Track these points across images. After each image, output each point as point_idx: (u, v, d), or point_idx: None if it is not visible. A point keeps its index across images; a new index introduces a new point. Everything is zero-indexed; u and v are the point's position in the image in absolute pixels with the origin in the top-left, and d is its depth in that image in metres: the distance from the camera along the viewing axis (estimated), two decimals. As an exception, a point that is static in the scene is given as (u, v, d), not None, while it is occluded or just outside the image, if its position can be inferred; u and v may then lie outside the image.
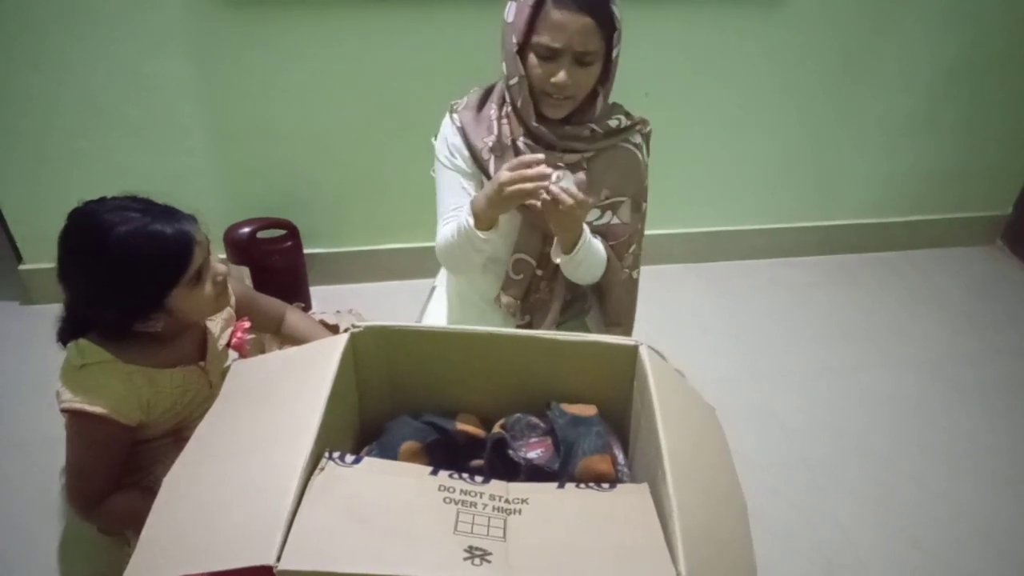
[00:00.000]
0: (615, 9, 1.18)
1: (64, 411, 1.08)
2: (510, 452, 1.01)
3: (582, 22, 1.15)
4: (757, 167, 2.12)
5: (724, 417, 1.04)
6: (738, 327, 2.04)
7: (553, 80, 1.20)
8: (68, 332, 1.12)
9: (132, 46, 1.64)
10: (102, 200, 1.05)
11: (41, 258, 1.87)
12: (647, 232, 1.43)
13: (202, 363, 1.22)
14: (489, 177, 1.27)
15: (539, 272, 1.36)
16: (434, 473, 0.89)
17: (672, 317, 1.70)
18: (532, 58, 1.21)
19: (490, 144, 1.28)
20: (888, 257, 2.35)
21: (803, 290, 2.20)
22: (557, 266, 1.31)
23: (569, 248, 1.24)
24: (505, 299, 1.40)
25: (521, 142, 1.27)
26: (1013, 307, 2.18)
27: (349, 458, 0.89)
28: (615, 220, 1.34)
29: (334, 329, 1.58)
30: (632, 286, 1.50)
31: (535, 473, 0.99)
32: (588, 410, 1.07)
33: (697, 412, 1.05)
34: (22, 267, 1.89)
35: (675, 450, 0.88)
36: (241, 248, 1.82)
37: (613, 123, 1.30)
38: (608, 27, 1.18)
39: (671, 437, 0.90)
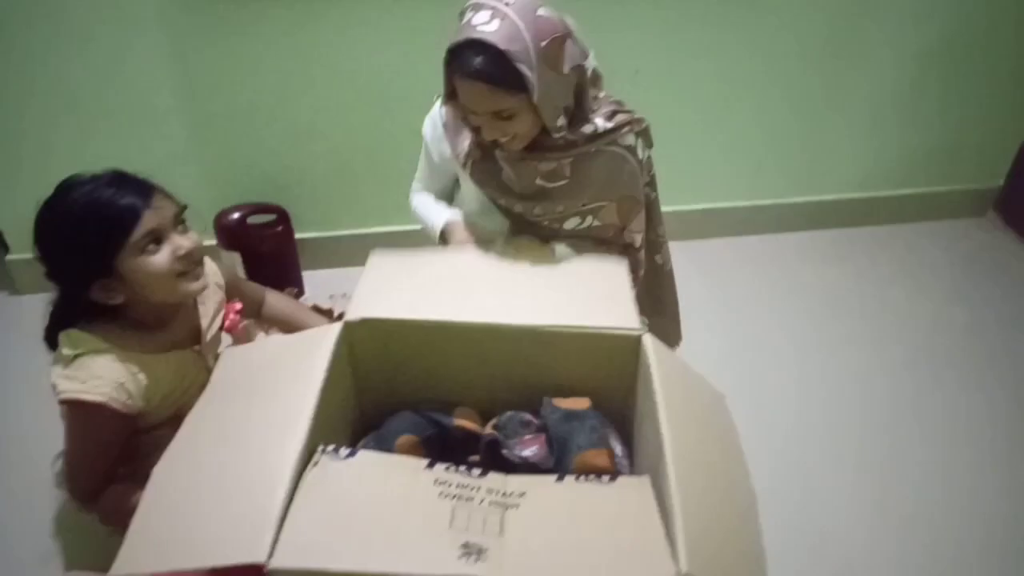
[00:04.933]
0: (522, 67, 1.07)
1: (62, 402, 1.06)
2: (504, 452, 0.99)
3: (478, 90, 1.09)
4: (744, 144, 2.09)
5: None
6: (728, 305, 2.02)
7: (485, 135, 1.17)
8: (54, 329, 1.10)
9: (109, 34, 1.60)
10: (80, 175, 1.05)
11: (27, 248, 1.82)
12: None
13: (197, 347, 1.20)
14: (464, 172, 1.30)
15: None
16: (430, 466, 0.87)
17: None
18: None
19: (467, 151, 1.27)
20: (878, 231, 2.32)
21: (793, 266, 2.18)
22: None
23: None
24: None
25: (498, 153, 1.24)
26: (1005, 278, 2.15)
27: (344, 451, 0.86)
28: (596, 223, 1.31)
29: (328, 314, 1.56)
30: (664, 277, 1.49)
31: (531, 472, 0.97)
32: (581, 403, 1.05)
33: (704, 402, 1.02)
34: (9, 257, 1.86)
35: (678, 441, 0.86)
36: (232, 234, 1.79)
37: (588, 129, 1.21)
38: (512, 84, 1.08)
39: (674, 428, 0.88)
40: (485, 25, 1.06)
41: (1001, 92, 2.13)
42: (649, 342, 1.00)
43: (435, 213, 1.39)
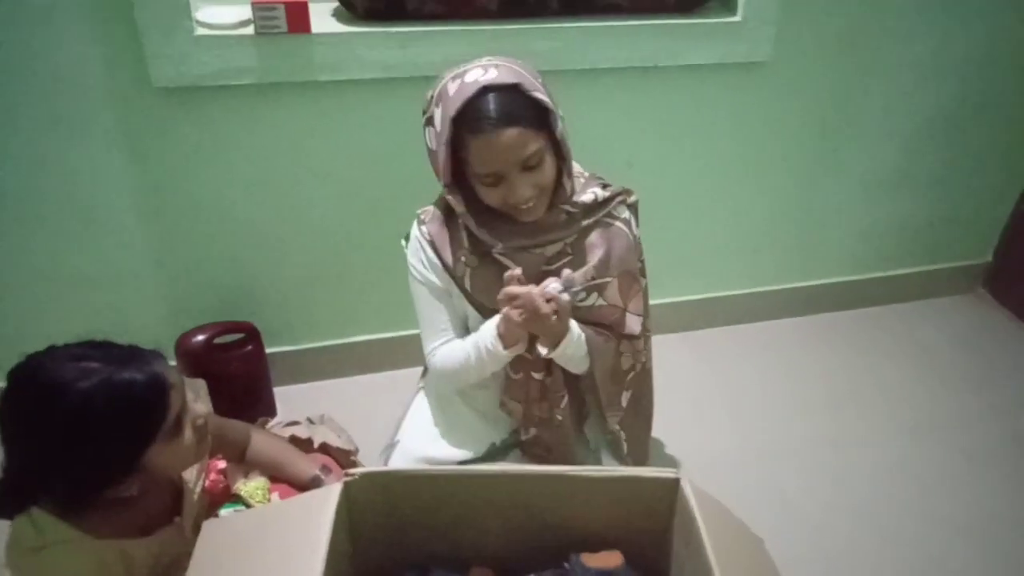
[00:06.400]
0: (538, 94, 1.04)
1: None
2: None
3: (509, 136, 1.03)
4: (740, 231, 2.06)
5: (726, 498, 0.93)
6: (730, 397, 1.96)
7: (511, 201, 1.09)
8: (12, 501, 0.91)
9: (57, 141, 1.48)
10: (50, 352, 0.87)
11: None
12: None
13: (177, 518, 1.04)
14: (463, 289, 1.22)
15: (535, 373, 1.25)
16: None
17: (662, 388, 1.60)
18: (477, 186, 1.10)
19: (463, 259, 1.19)
20: (873, 312, 2.29)
21: (792, 352, 2.13)
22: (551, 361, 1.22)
23: (552, 345, 1.16)
24: (510, 404, 1.30)
25: (496, 251, 1.17)
26: (1002, 358, 2.13)
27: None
28: (601, 302, 1.24)
29: (306, 444, 1.41)
30: (644, 374, 1.41)
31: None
32: (612, 560, 0.94)
33: (748, 547, 0.92)
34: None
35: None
36: (196, 359, 1.63)
37: (588, 198, 1.19)
38: (539, 119, 1.06)
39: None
40: (483, 75, 1.02)
41: (989, 167, 2.14)
42: (688, 486, 0.90)
43: (475, 339, 1.21)
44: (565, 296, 1.08)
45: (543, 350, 1.17)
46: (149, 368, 0.87)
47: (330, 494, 0.87)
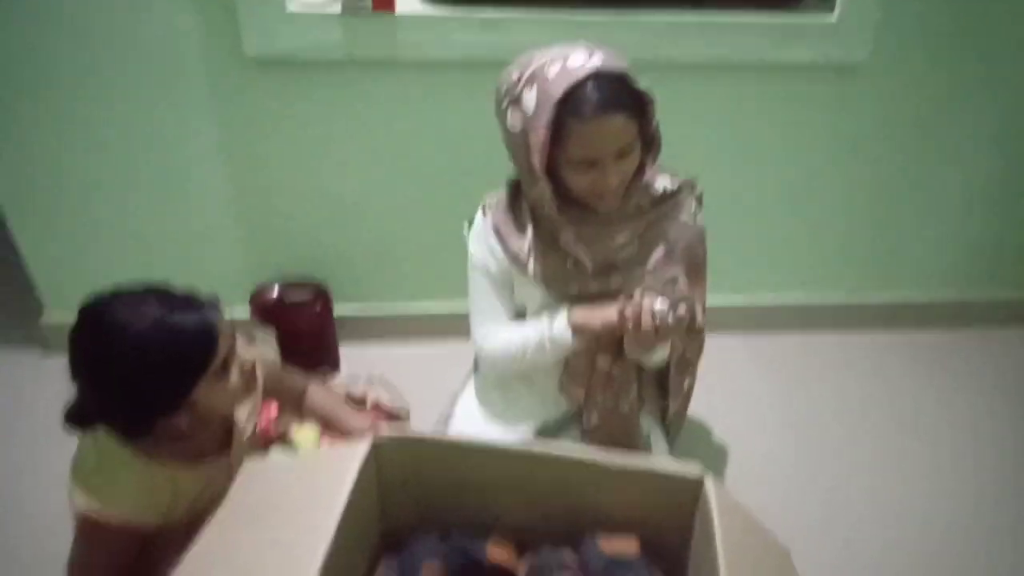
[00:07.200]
0: (638, 86, 1.06)
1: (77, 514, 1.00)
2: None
3: (614, 124, 1.03)
4: (819, 238, 1.98)
5: (767, 509, 0.90)
6: (792, 411, 1.88)
7: (600, 188, 1.10)
8: (81, 417, 1.01)
9: (148, 105, 1.58)
10: (114, 293, 0.95)
11: (63, 307, 1.81)
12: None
13: (227, 455, 1.12)
14: (527, 276, 1.20)
15: (602, 361, 1.24)
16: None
17: (718, 393, 1.52)
18: (566, 170, 1.10)
19: (527, 247, 1.18)
20: (955, 336, 2.14)
21: (861, 369, 2.02)
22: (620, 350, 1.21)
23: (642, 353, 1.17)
24: (571, 388, 1.30)
25: (564, 239, 1.17)
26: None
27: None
28: (681, 308, 1.22)
29: (361, 402, 1.48)
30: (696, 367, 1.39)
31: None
32: (629, 546, 0.94)
33: (768, 559, 0.91)
34: (44, 319, 1.84)
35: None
36: (268, 312, 1.73)
37: (658, 190, 1.19)
38: (639, 107, 1.06)
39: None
40: (589, 61, 1.02)
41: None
42: (711, 488, 0.90)
43: (537, 326, 1.22)
44: (670, 317, 1.08)
45: (631, 351, 1.17)
46: (200, 314, 0.94)
47: (358, 451, 0.92)
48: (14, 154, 1.62)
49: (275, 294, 1.73)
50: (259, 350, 1.26)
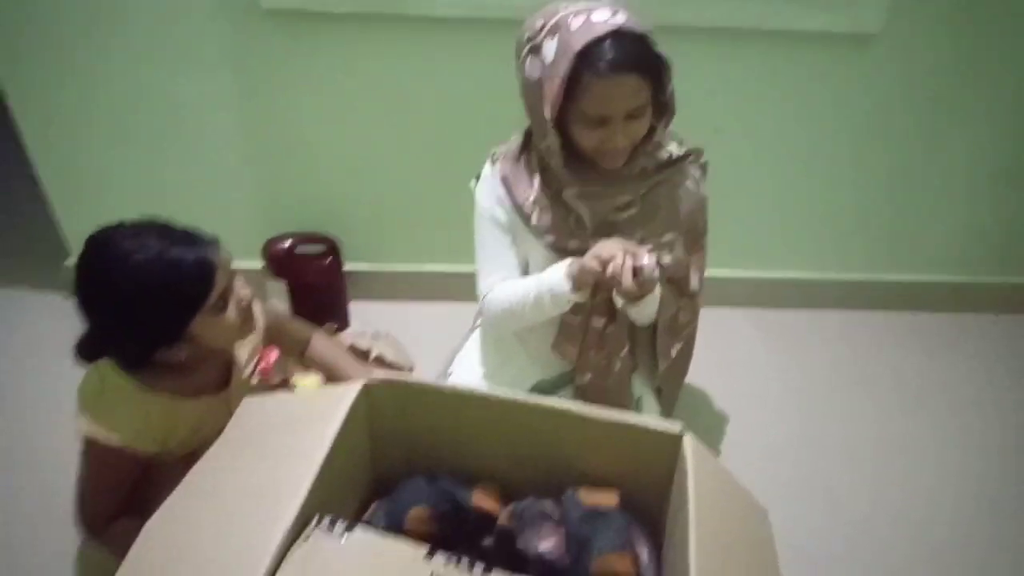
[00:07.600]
0: (656, 49, 1.07)
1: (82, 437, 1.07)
2: (519, 545, 0.92)
3: (628, 83, 1.05)
4: (830, 213, 1.97)
5: (769, 492, 0.92)
6: (794, 385, 1.89)
7: (608, 146, 1.11)
8: (88, 349, 1.08)
9: (166, 58, 1.62)
10: (119, 226, 1.00)
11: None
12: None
13: (225, 392, 1.18)
14: (531, 227, 1.22)
15: (596, 320, 1.27)
16: (430, 555, 0.80)
17: (721, 366, 1.53)
18: (576, 125, 1.11)
19: (532, 198, 1.20)
20: (967, 319, 2.13)
21: (869, 348, 2.03)
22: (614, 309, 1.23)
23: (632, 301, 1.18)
24: (564, 347, 1.32)
25: (567, 194, 1.19)
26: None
27: (340, 526, 0.81)
28: (667, 259, 1.25)
29: (364, 356, 1.52)
30: (692, 334, 1.41)
31: (546, 570, 0.89)
32: (608, 499, 0.97)
33: (742, 516, 0.93)
34: (68, 262, 1.90)
35: (706, 559, 0.78)
36: (280, 263, 1.77)
37: (664, 155, 1.21)
38: (656, 71, 1.07)
39: (704, 544, 0.79)
40: (612, 18, 1.03)
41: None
42: (689, 444, 0.92)
43: (539, 278, 1.22)
44: (656, 274, 1.09)
45: (619, 301, 1.18)
46: (198, 249, 0.99)
47: (350, 390, 0.95)
48: (42, 107, 1.68)
49: (287, 245, 1.77)
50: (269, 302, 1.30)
